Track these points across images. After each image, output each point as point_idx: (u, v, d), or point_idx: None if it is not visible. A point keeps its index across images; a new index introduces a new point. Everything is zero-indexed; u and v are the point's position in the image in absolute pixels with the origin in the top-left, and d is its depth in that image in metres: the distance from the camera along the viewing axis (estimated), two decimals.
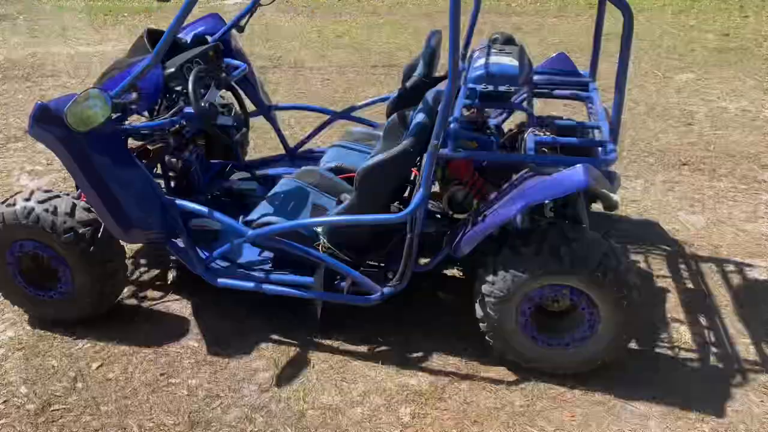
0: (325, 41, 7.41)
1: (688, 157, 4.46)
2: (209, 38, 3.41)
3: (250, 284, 2.73)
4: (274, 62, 6.67)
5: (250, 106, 3.66)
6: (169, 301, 3.08)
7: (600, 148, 2.49)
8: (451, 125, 2.43)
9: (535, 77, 3.22)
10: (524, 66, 2.61)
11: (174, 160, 3.18)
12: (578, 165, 2.25)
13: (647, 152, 4.56)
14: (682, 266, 3.31)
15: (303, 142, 3.84)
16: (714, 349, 2.76)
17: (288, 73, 6.37)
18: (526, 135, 2.56)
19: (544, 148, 2.55)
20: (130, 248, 3.39)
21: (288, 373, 2.63)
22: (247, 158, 3.92)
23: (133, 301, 3.09)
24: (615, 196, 2.98)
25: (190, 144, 3.13)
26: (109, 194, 2.54)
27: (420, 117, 2.51)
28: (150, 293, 3.14)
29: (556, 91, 3.07)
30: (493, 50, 2.70)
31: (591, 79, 3.13)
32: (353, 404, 2.50)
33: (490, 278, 2.47)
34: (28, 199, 2.66)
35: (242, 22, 3.49)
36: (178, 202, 2.71)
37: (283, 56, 6.89)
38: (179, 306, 3.04)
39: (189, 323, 2.93)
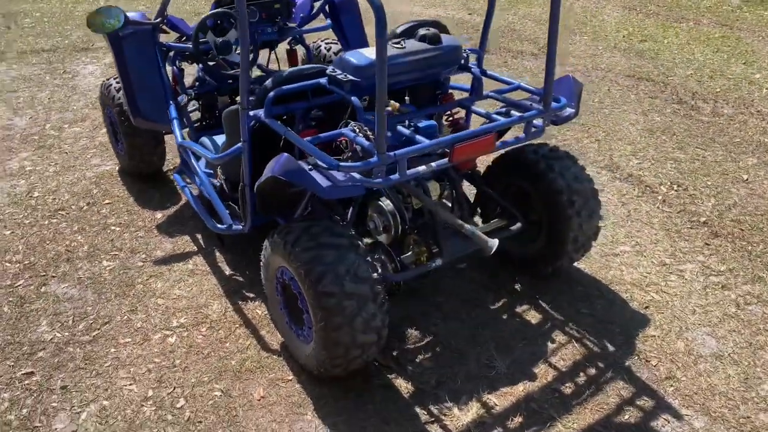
0: (620, 43, 6.80)
1: None
2: None
3: (182, 184, 3.41)
4: (539, 48, 6.58)
5: None
6: (190, 185, 3.97)
7: None
8: (271, 93, 2.57)
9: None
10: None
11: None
12: (282, 155, 2.23)
13: None
14: (593, 372, 2.59)
15: None
16: None
17: (530, 61, 6.22)
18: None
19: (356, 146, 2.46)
20: None
21: (167, 261, 3.27)
22: None
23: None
24: (491, 242, 2.58)
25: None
26: (130, 86, 3.51)
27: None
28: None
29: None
30: (390, 42, 2.65)
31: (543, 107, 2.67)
32: (165, 298, 3.02)
33: (264, 243, 2.61)
34: (117, 80, 3.85)
35: None
36: (172, 107, 3.52)
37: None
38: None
39: (176, 204, 3.78)
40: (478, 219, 3.12)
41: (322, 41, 4.54)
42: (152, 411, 2.41)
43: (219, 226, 3.02)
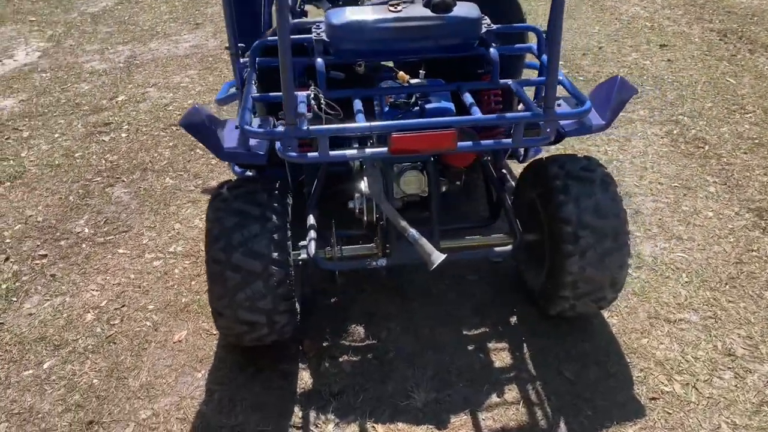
0: None
1: None
2: None
3: None
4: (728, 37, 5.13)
5: None
6: None
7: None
8: (256, 42, 2.45)
9: None
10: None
11: None
12: (194, 105, 2.12)
13: None
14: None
15: None
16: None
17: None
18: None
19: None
20: None
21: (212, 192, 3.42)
22: None
23: None
24: (434, 256, 2.17)
25: None
26: (229, 19, 3.64)
27: None
28: None
29: None
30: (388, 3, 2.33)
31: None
32: (183, 224, 3.18)
33: None
34: None
35: None
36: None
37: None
38: None
39: None
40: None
41: None
42: (91, 320, 2.60)
43: (237, 168, 3.04)
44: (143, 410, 2.21)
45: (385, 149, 2.04)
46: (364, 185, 2.39)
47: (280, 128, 1.98)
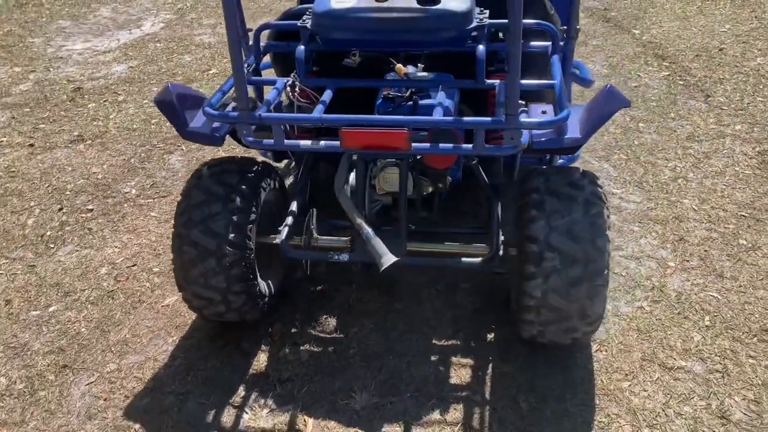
0: None
1: None
2: None
3: None
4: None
5: None
6: None
7: None
8: (256, 26, 2.48)
9: None
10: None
11: None
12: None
13: None
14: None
15: None
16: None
17: None
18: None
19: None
20: None
21: None
22: None
23: None
24: (384, 258, 2.12)
25: None
26: None
27: None
28: None
29: None
30: None
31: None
32: None
33: None
34: None
35: None
36: None
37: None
38: None
39: None
40: None
41: None
42: (104, 273, 2.83)
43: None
44: (111, 363, 2.38)
45: (338, 143, 2.00)
46: (351, 177, 2.36)
47: (235, 113, 2.02)
